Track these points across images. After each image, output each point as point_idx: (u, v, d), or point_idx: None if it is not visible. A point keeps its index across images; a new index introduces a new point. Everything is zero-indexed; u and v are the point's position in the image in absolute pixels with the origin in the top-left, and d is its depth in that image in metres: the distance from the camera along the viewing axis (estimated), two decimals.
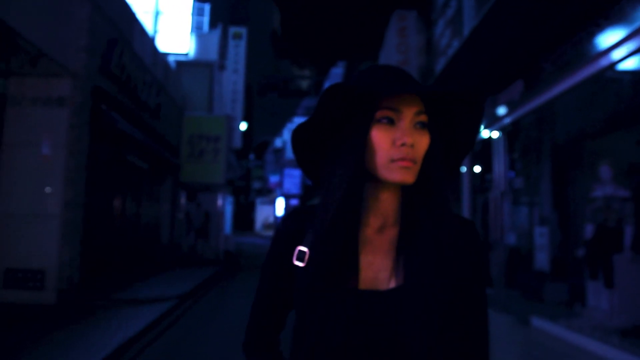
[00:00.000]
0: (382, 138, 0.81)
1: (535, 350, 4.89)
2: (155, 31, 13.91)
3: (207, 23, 19.02)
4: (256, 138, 53.51)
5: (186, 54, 14.85)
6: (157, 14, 14.21)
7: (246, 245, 24.78)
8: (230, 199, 21.76)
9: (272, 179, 44.14)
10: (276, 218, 42.25)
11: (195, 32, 17.07)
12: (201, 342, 5.11)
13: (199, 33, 17.63)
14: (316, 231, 0.86)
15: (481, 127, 7.03)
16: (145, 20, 12.49)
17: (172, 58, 14.38)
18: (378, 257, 0.86)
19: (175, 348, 4.94)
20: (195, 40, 16.72)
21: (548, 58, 5.92)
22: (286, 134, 39.17)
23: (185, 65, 15.25)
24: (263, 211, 46.64)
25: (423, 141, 0.82)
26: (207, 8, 19.15)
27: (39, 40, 5.56)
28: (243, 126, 25.22)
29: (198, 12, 18.46)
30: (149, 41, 10.13)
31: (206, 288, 9.30)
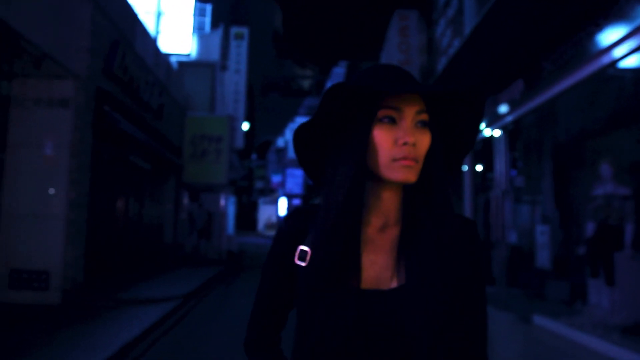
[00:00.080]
0: (384, 137, 0.81)
1: (537, 347, 4.91)
2: (157, 32, 13.96)
3: (209, 23, 19.02)
4: (258, 138, 53.58)
5: (188, 55, 14.88)
6: (159, 15, 14.25)
7: (249, 245, 24.82)
8: (232, 199, 21.83)
9: (275, 179, 44.20)
10: (279, 218, 42.20)
11: (197, 33, 17.08)
12: (205, 342, 5.14)
13: (201, 33, 17.65)
14: (318, 231, 0.86)
15: (481, 126, 7.04)
16: (147, 21, 12.53)
17: (174, 58, 14.42)
18: (380, 257, 0.86)
19: (179, 347, 4.98)
20: (197, 40, 16.74)
21: (548, 57, 5.93)
22: (288, 134, 39.18)
23: (187, 65, 15.28)
24: (265, 211, 46.66)
25: (424, 140, 0.82)
26: (209, 8, 19.16)
27: (42, 42, 5.60)
28: (245, 126, 25.22)
29: (199, 13, 18.46)
30: (151, 42, 10.17)
31: (209, 288, 9.34)
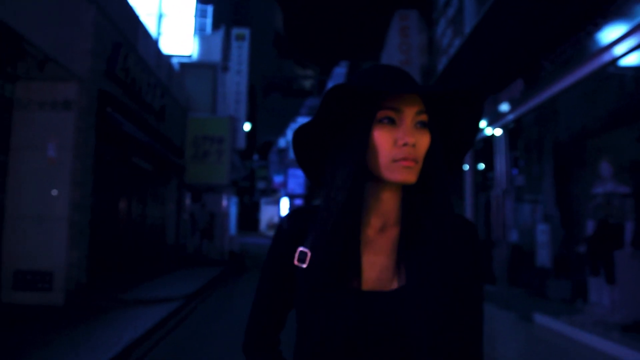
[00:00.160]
0: (384, 138, 0.81)
1: (537, 346, 4.93)
2: (158, 33, 14.02)
3: (210, 25, 19.09)
4: (260, 138, 53.67)
5: (189, 56, 14.95)
6: (161, 17, 14.31)
7: (251, 245, 24.87)
8: (234, 200, 21.89)
9: (276, 179, 44.27)
10: (280, 218, 42.30)
11: (198, 34, 17.16)
12: (208, 342, 5.17)
13: (202, 35, 17.71)
14: (318, 232, 0.85)
15: (481, 125, 7.07)
16: (148, 23, 12.60)
17: (176, 60, 14.48)
18: (380, 258, 0.85)
19: (182, 347, 5.00)
20: (198, 42, 16.80)
21: (548, 56, 5.95)
22: (290, 134, 39.24)
23: (188, 66, 15.33)
24: (267, 211, 46.73)
25: (424, 141, 0.82)
26: (210, 10, 19.22)
27: (46, 44, 5.64)
28: (247, 127, 25.29)
29: (201, 14, 18.53)
30: (153, 44, 10.22)
31: (212, 288, 9.38)
